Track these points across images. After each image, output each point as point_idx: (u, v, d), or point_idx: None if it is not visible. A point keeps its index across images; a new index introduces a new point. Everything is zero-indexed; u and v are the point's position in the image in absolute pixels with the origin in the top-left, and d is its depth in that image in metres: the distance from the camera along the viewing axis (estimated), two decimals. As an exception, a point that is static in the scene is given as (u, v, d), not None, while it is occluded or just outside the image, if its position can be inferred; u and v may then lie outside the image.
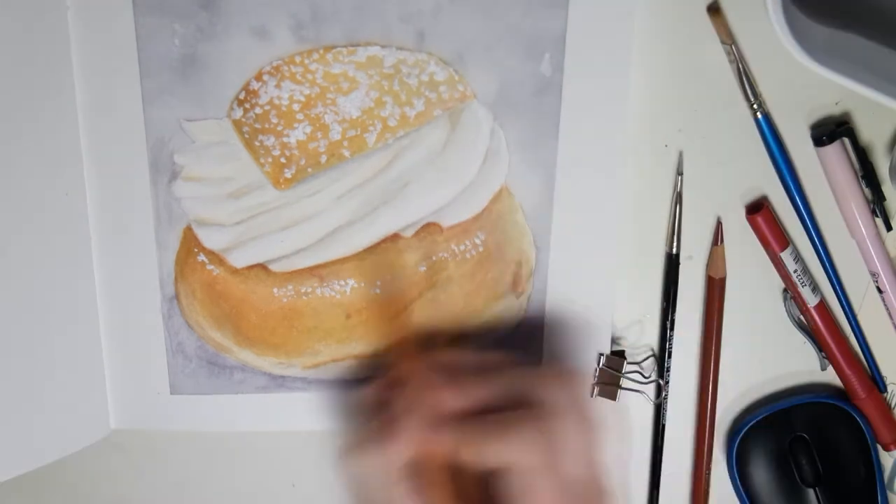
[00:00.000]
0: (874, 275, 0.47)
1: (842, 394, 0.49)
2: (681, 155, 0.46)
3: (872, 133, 0.45)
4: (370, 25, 0.43)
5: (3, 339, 0.42)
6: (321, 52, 0.43)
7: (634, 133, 0.45)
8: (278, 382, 0.47)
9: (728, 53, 0.44)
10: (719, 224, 0.46)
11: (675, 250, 0.47)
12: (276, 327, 0.46)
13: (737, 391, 0.49)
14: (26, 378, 0.43)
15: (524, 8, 0.43)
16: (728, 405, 0.49)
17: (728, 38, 0.43)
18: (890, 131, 0.45)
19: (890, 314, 0.47)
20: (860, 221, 0.46)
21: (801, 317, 0.47)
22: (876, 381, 0.48)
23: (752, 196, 0.46)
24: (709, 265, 0.47)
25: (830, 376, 0.49)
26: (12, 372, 0.43)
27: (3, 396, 0.43)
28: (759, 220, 0.46)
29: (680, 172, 0.46)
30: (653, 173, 0.46)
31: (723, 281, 0.47)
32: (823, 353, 0.48)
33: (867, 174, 0.45)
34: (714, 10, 0.44)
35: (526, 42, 0.43)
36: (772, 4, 0.40)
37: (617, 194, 0.45)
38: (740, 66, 0.44)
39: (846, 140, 0.45)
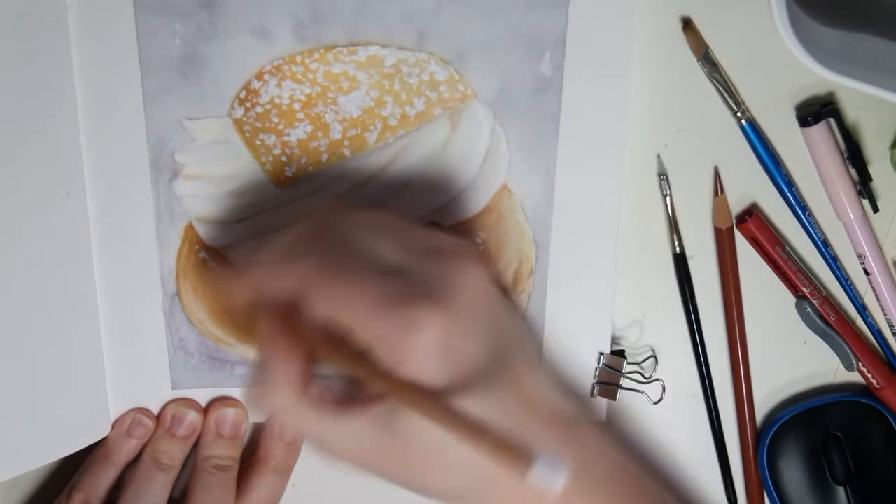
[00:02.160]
0: (861, 257, 0.46)
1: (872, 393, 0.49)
2: (659, 157, 0.46)
3: (858, 114, 0.45)
4: (370, 25, 0.43)
5: (3, 339, 0.42)
6: (322, 51, 0.43)
7: (634, 133, 0.45)
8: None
9: (703, 67, 0.44)
10: (717, 174, 0.46)
11: (678, 250, 0.47)
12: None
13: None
14: (26, 378, 0.43)
15: (524, 8, 0.43)
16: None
17: (700, 52, 0.43)
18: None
19: (877, 296, 0.47)
20: (847, 203, 0.45)
21: (816, 318, 0.47)
22: (893, 369, 0.48)
23: (753, 195, 0.46)
24: (714, 216, 0.47)
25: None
26: (12, 372, 0.43)
27: (3, 396, 0.42)
28: (751, 226, 0.46)
29: (662, 175, 0.46)
30: (653, 173, 0.46)
31: (731, 230, 0.46)
32: (850, 349, 0.47)
33: (853, 155, 0.45)
34: (687, 26, 0.44)
35: (526, 42, 0.43)
36: (777, 8, 0.40)
37: (617, 193, 0.45)
38: (718, 76, 0.44)
39: (832, 121, 0.44)
